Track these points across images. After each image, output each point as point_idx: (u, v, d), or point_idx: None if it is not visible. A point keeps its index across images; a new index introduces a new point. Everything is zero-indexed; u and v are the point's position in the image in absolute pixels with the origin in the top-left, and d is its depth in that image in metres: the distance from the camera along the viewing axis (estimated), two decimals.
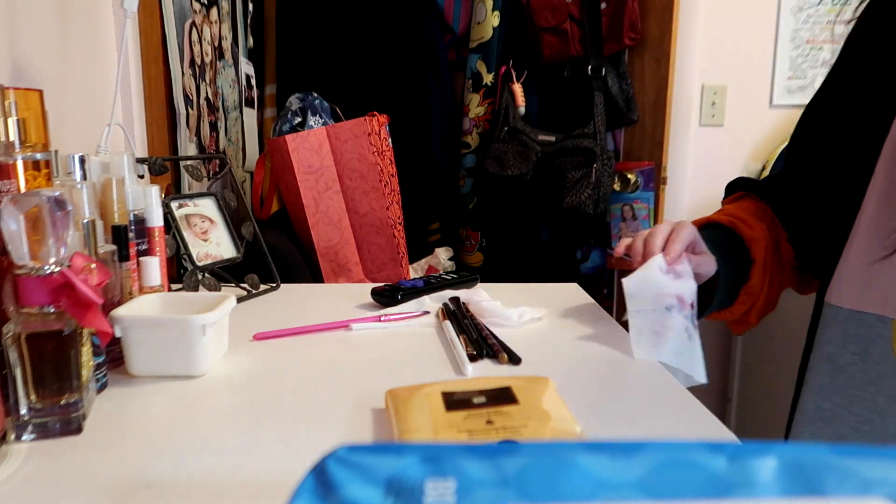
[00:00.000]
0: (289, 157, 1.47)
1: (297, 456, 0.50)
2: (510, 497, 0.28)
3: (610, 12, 1.97)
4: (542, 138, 1.95)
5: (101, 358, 0.62)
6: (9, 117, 0.60)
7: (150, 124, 1.23)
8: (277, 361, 0.72)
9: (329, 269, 1.52)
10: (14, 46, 0.87)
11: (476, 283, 1.08)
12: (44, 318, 0.51)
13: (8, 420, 0.50)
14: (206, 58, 1.50)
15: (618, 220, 2.14)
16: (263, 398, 0.61)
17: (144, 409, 0.59)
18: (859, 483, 0.28)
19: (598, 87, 1.95)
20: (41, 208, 0.50)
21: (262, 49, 1.98)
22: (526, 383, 0.55)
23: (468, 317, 0.84)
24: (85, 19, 1.07)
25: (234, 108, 1.71)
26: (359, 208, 1.53)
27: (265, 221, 1.57)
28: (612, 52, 1.99)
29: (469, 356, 0.71)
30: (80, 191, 0.66)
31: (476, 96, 2.02)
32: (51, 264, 0.51)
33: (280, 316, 0.90)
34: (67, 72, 1.01)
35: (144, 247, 0.78)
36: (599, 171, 1.90)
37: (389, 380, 0.64)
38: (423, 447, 0.30)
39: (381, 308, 0.94)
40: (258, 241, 1.09)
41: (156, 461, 0.49)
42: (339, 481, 0.28)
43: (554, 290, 1.08)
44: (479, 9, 1.97)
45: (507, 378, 0.56)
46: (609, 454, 0.29)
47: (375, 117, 1.53)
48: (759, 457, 0.29)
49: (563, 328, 0.84)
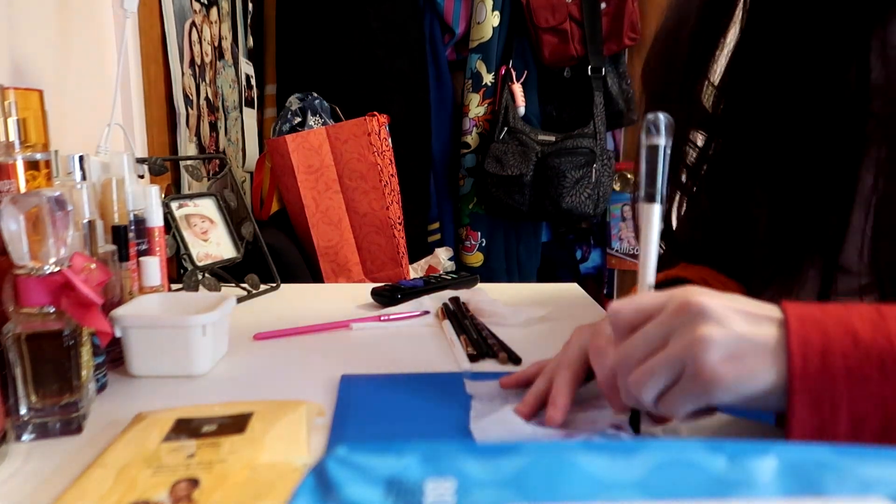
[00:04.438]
0: (289, 157, 1.47)
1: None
2: (510, 497, 0.28)
3: (610, 12, 1.97)
4: (542, 138, 1.95)
5: (101, 358, 0.62)
6: (9, 117, 0.60)
7: (150, 124, 1.23)
8: (277, 361, 0.72)
9: (329, 269, 1.52)
10: (14, 46, 0.87)
11: (476, 283, 1.07)
12: (44, 318, 0.51)
13: (8, 420, 0.50)
14: (206, 58, 1.50)
15: (618, 220, 2.14)
16: (263, 398, 0.61)
17: (144, 409, 0.59)
18: (859, 483, 0.28)
19: (598, 87, 1.95)
20: (41, 208, 0.50)
21: (262, 49, 1.98)
22: (272, 408, 0.52)
23: (468, 317, 0.84)
24: (85, 19, 1.07)
25: (234, 108, 1.71)
26: (359, 208, 1.53)
27: (265, 221, 1.57)
28: (612, 52, 2.00)
29: (469, 356, 0.71)
30: (80, 191, 0.66)
31: (476, 96, 2.02)
32: (51, 264, 0.51)
33: (280, 316, 0.90)
34: (67, 72, 1.01)
35: (144, 247, 0.78)
36: (599, 171, 1.90)
37: None
38: (423, 447, 0.30)
39: (381, 308, 0.94)
40: (258, 241, 1.09)
41: None
42: (339, 481, 0.28)
43: (554, 290, 1.08)
44: (479, 9, 1.97)
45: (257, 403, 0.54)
46: (609, 454, 0.29)
47: (375, 117, 1.53)
48: (759, 457, 0.29)
49: (562, 328, 0.84)
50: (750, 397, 0.40)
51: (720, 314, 0.40)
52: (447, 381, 0.63)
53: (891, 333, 0.38)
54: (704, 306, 0.40)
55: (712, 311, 0.40)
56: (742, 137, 0.61)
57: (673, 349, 0.40)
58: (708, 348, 0.39)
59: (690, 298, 0.41)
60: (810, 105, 0.54)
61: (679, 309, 0.41)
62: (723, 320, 0.40)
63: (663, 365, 0.41)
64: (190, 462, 0.44)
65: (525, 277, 2.10)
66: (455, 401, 0.58)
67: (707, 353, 0.39)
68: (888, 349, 0.37)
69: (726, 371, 0.39)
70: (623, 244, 2.15)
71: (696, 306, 0.40)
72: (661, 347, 0.41)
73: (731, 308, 0.40)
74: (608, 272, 2.20)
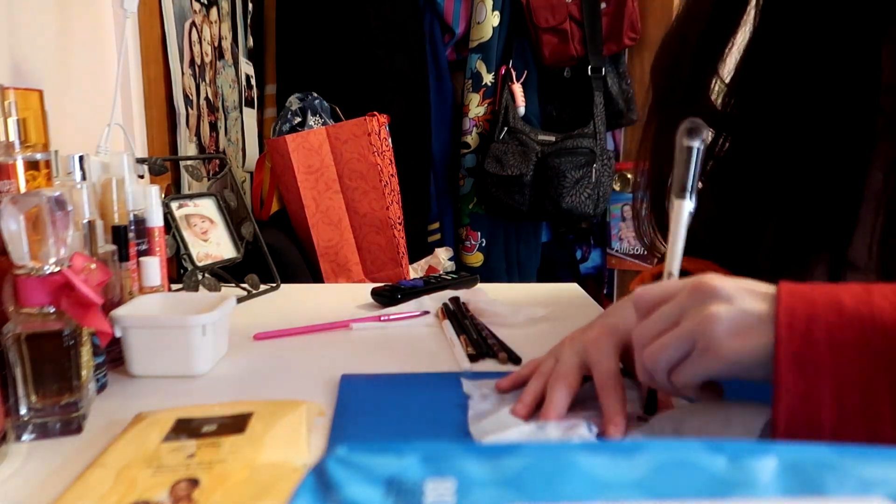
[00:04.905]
0: (289, 157, 1.47)
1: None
2: (510, 497, 0.28)
3: (610, 12, 1.97)
4: (542, 138, 1.95)
5: (101, 358, 0.62)
6: (9, 117, 0.60)
7: (150, 124, 1.23)
8: (277, 361, 0.72)
9: (329, 269, 1.52)
10: (14, 46, 0.87)
11: (476, 283, 1.07)
12: (44, 318, 0.51)
13: (8, 420, 0.50)
14: (205, 58, 1.50)
15: (618, 220, 2.14)
16: (263, 398, 0.61)
17: (144, 409, 0.59)
18: (859, 483, 0.28)
19: (598, 87, 1.95)
20: (41, 208, 0.50)
21: (262, 49, 1.98)
22: (272, 408, 0.52)
23: (468, 317, 0.84)
24: (85, 19, 1.07)
25: (234, 108, 1.71)
26: (359, 208, 1.53)
27: (265, 221, 1.57)
28: (612, 52, 1.99)
29: (469, 356, 0.71)
30: (80, 191, 0.66)
31: (476, 96, 2.02)
32: (51, 264, 0.51)
33: (280, 316, 0.90)
34: (67, 72, 1.01)
35: (144, 247, 0.78)
36: (599, 171, 1.90)
37: None
38: (423, 447, 0.30)
39: (381, 308, 0.94)
40: (258, 241, 1.09)
41: None
42: (339, 481, 0.28)
43: (554, 290, 1.08)
44: (479, 9, 1.97)
45: (257, 403, 0.54)
46: (609, 454, 0.29)
47: (375, 117, 1.53)
48: (759, 457, 0.29)
49: (562, 328, 0.84)
50: (750, 367, 0.42)
51: (728, 293, 0.43)
52: (447, 381, 0.63)
53: (873, 304, 0.40)
54: (715, 286, 0.43)
55: (721, 290, 0.43)
56: (752, 134, 0.62)
57: (685, 325, 0.44)
58: (716, 323, 0.42)
59: (703, 280, 0.44)
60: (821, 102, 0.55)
61: (693, 290, 0.44)
62: (731, 298, 0.43)
63: (675, 340, 0.44)
64: (190, 462, 0.44)
65: (525, 277, 2.10)
66: (455, 401, 0.58)
67: (715, 328, 0.42)
68: (868, 317, 0.39)
69: (731, 344, 0.42)
70: (623, 244, 2.15)
71: (708, 287, 0.43)
72: (675, 325, 0.45)
73: (739, 287, 0.43)
74: (608, 272, 2.20)
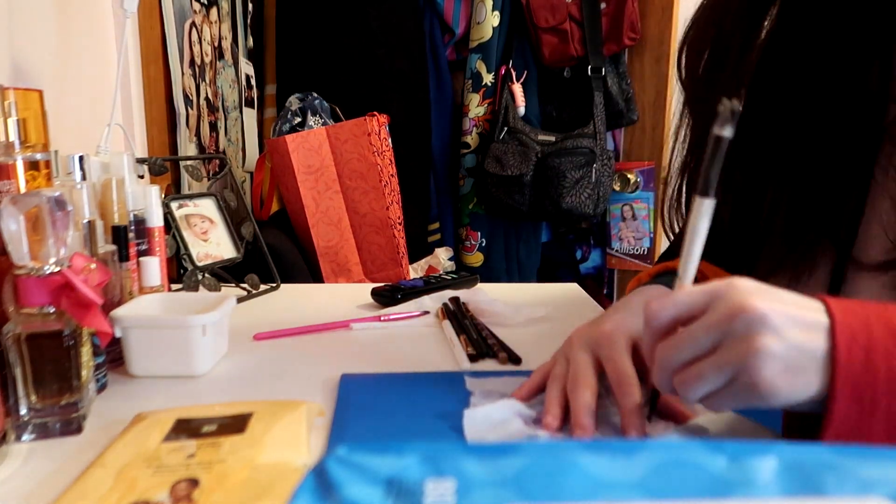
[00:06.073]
0: (289, 157, 1.47)
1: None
2: (510, 497, 0.28)
3: (610, 12, 1.97)
4: (542, 138, 1.95)
5: (101, 358, 0.62)
6: (9, 117, 0.60)
7: (150, 124, 1.23)
8: (277, 361, 0.72)
9: (329, 269, 1.52)
10: (14, 46, 0.87)
11: (476, 283, 1.07)
12: (44, 318, 0.51)
13: (8, 420, 0.50)
14: (205, 58, 1.50)
15: (618, 220, 2.14)
16: (263, 398, 0.61)
17: (144, 409, 0.59)
18: (859, 483, 0.28)
19: (597, 87, 1.95)
20: (41, 208, 0.50)
21: (262, 49, 1.98)
22: (272, 408, 0.52)
23: (468, 317, 0.84)
24: (85, 19, 1.07)
25: (234, 108, 1.71)
26: (359, 208, 1.53)
27: (265, 221, 1.57)
28: (612, 52, 1.99)
29: (469, 356, 0.71)
30: (80, 191, 0.66)
31: (476, 96, 2.02)
32: (51, 264, 0.51)
33: (280, 316, 0.90)
34: (67, 72, 1.01)
35: (144, 247, 0.78)
36: (599, 171, 1.90)
37: None
38: (423, 447, 0.30)
39: (381, 308, 0.94)
40: (258, 241, 1.09)
41: None
42: (339, 481, 0.28)
43: (554, 290, 1.08)
44: (479, 9, 1.97)
45: (257, 403, 0.54)
46: (609, 454, 0.29)
47: (375, 117, 1.52)
48: (759, 457, 0.29)
49: (562, 328, 0.84)
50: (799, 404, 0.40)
51: (776, 323, 0.39)
52: (447, 380, 0.63)
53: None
54: (761, 313, 0.39)
55: (769, 319, 0.39)
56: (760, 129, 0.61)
57: (727, 356, 0.40)
58: (766, 361, 0.38)
59: (743, 302, 0.40)
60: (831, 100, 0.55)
61: (731, 314, 0.40)
62: (779, 330, 0.39)
63: (715, 372, 0.40)
64: (190, 462, 0.44)
65: (525, 277, 2.10)
66: (455, 400, 0.58)
67: (765, 366, 0.38)
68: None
69: (783, 383, 0.39)
70: (623, 244, 2.15)
71: (752, 312, 0.39)
72: (711, 351, 0.41)
73: (785, 314, 0.39)
74: (608, 272, 2.20)
